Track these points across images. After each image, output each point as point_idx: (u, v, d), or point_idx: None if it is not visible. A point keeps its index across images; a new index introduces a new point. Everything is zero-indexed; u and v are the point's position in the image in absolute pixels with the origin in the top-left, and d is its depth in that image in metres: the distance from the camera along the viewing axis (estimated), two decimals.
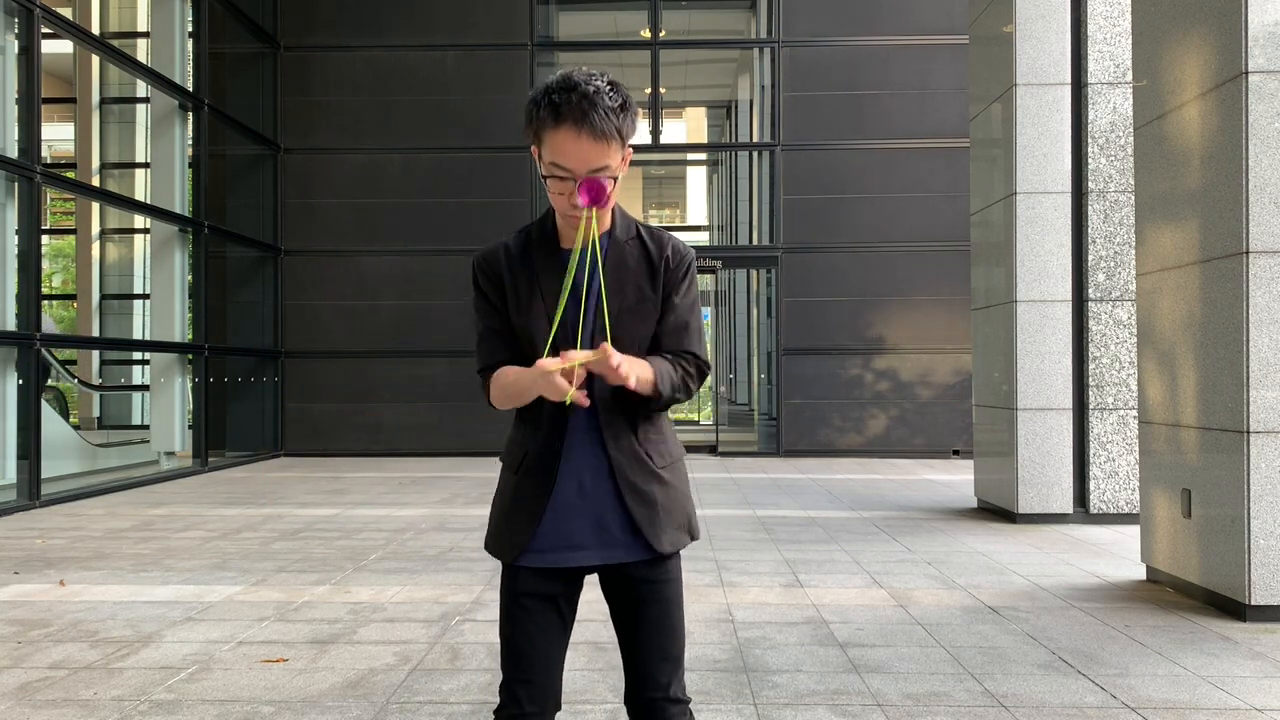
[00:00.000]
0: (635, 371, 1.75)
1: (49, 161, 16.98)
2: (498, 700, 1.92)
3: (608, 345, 1.71)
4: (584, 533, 1.88)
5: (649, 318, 1.89)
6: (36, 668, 3.76)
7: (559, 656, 1.92)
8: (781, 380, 13.54)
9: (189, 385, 11.63)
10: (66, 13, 11.55)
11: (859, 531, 7.01)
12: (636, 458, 1.89)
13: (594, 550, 1.88)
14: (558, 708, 1.92)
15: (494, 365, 1.91)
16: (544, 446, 1.87)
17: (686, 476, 2.00)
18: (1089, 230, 7.32)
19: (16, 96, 8.73)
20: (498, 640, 4.10)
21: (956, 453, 12.94)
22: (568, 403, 1.71)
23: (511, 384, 1.84)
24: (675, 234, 2.02)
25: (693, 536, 1.96)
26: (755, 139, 15.78)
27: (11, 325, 8.56)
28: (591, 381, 1.85)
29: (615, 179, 1.80)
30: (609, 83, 1.76)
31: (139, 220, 16.09)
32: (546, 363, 1.71)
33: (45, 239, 14.23)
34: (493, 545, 1.94)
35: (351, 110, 13.74)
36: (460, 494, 9.21)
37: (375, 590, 5.11)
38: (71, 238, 18.42)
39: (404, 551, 6.23)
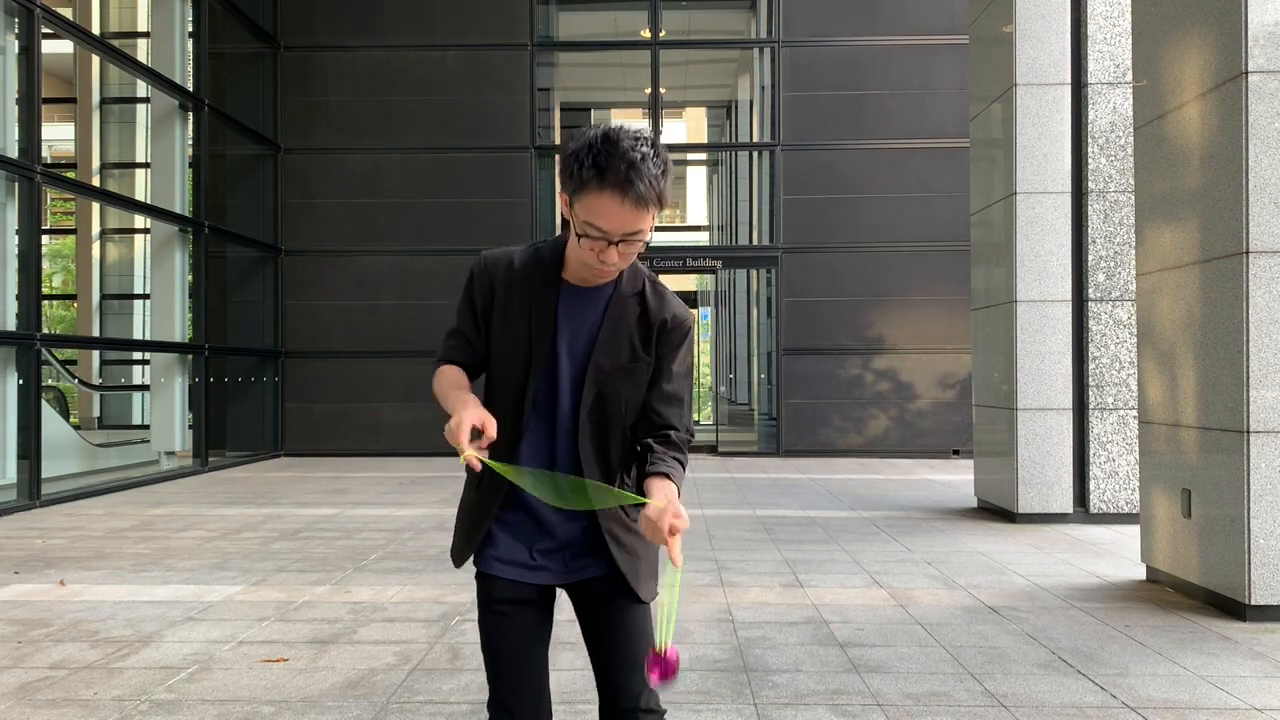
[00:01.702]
0: (679, 515, 1.73)
1: (49, 161, 16.97)
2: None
3: (657, 507, 1.71)
4: (554, 554, 1.89)
5: (640, 379, 1.87)
6: (36, 668, 3.76)
7: (542, 660, 1.91)
8: (781, 380, 13.54)
9: (189, 385, 11.63)
10: (66, 13, 11.54)
11: (859, 531, 7.01)
12: (615, 512, 1.89)
13: (559, 572, 1.89)
14: (549, 716, 1.91)
15: (448, 361, 1.93)
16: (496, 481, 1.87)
17: None
18: (1089, 230, 7.32)
19: (16, 96, 8.73)
20: None
21: (956, 453, 12.94)
22: (461, 462, 1.73)
23: (442, 395, 1.86)
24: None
25: (656, 582, 1.98)
26: (755, 139, 15.77)
27: (11, 325, 8.57)
28: (575, 430, 1.85)
29: (647, 243, 1.79)
30: (652, 146, 1.73)
31: (139, 220, 16.09)
32: (464, 442, 1.71)
33: (45, 239, 14.22)
34: (455, 548, 1.96)
35: (351, 110, 13.74)
36: (460, 494, 9.20)
37: (375, 590, 5.11)
38: (71, 238, 18.41)
39: (404, 551, 6.23)
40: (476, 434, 1.74)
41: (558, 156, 1.85)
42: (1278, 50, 4.46)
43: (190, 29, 12.09)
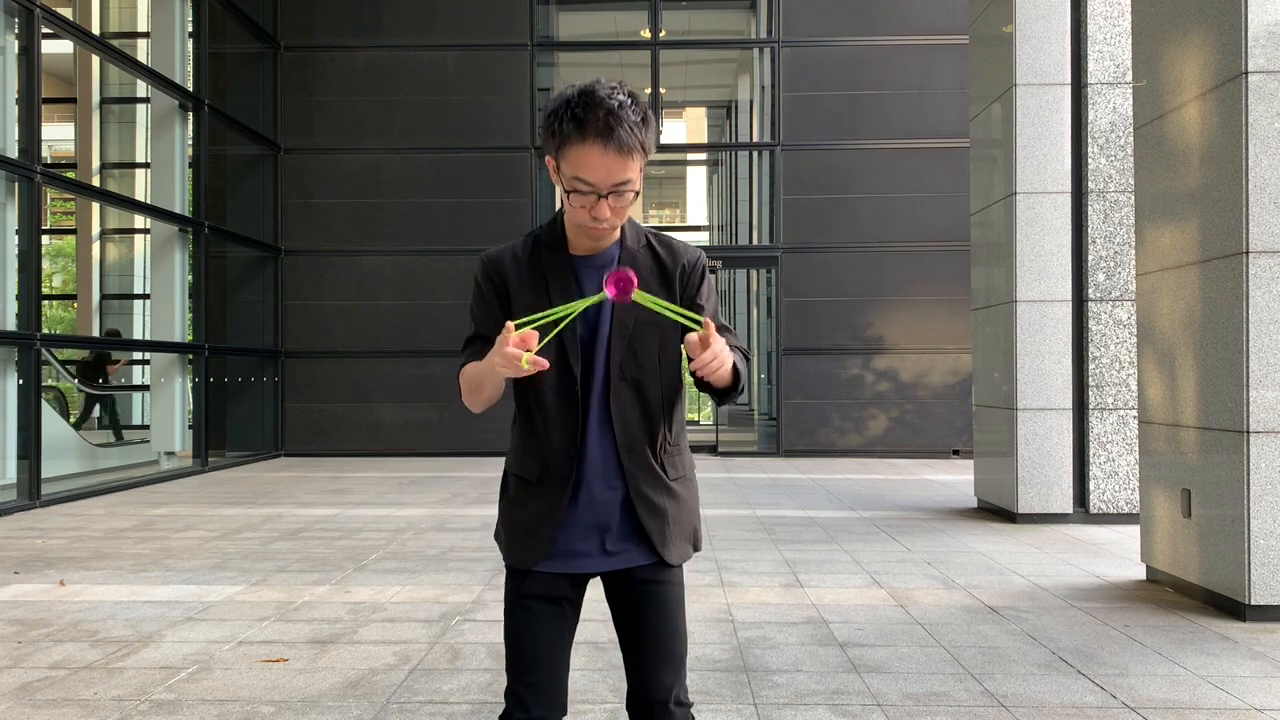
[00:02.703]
0: (719, 348, 1.71)
1: (49, 161, 16.97)
2: (501, 703, 1.91)
3: (708, 324, 1.69)
4: (591, 539, 1.87)
5: (667, 330, 1.87)
6: (36, 668, 3.76)
7: (565, 659, 1.90)
8: (781, 380, 13.54)
9: (189, 385, 11.63)
10: (66, 13, 11.54)
11: (859, 531, 7.01)
12: (650, 469, 1.88)
13: (599, 558, 1.88)
14: (564, 712, 1.90)
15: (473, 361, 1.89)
16: (560, 458, 1.85)
17: (697, 490, 2.00)
18: (1089, 230, 7.32)
19: (16, 96, 8.73)
20: (498, 640, 4.10)
21: (956, 453, 12.94)
22: (524, 365, 1.63)
23: (473, 375, 1.83)
24: (677, 235, 2.01)
25: (695, 548, 1.97)
26: (755, 139, 15.77)
27: (11, 325, 8.57)
28: (606, 390, 1.84)
29: (637, 193, 1.79)
30: (630, 95, 1.75)
31: (139, 220, 16.08)
32: (515, 352, 1.63)
33: (45, 239, 14.22)
34: (515, 553, 1.90)
35: (351, 110, 13.74)
36: (460, 494, 9.21)
37: (375, 590, 5.11)
38: (71, 238, 18.41)
39: (404, 551, 6.23)
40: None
41: (541, 120, 1.83)
42: (1278, 50, 4.46)
43: (190, 29, 12.08)
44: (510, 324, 1.66)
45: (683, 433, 1.97)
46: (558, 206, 1.94)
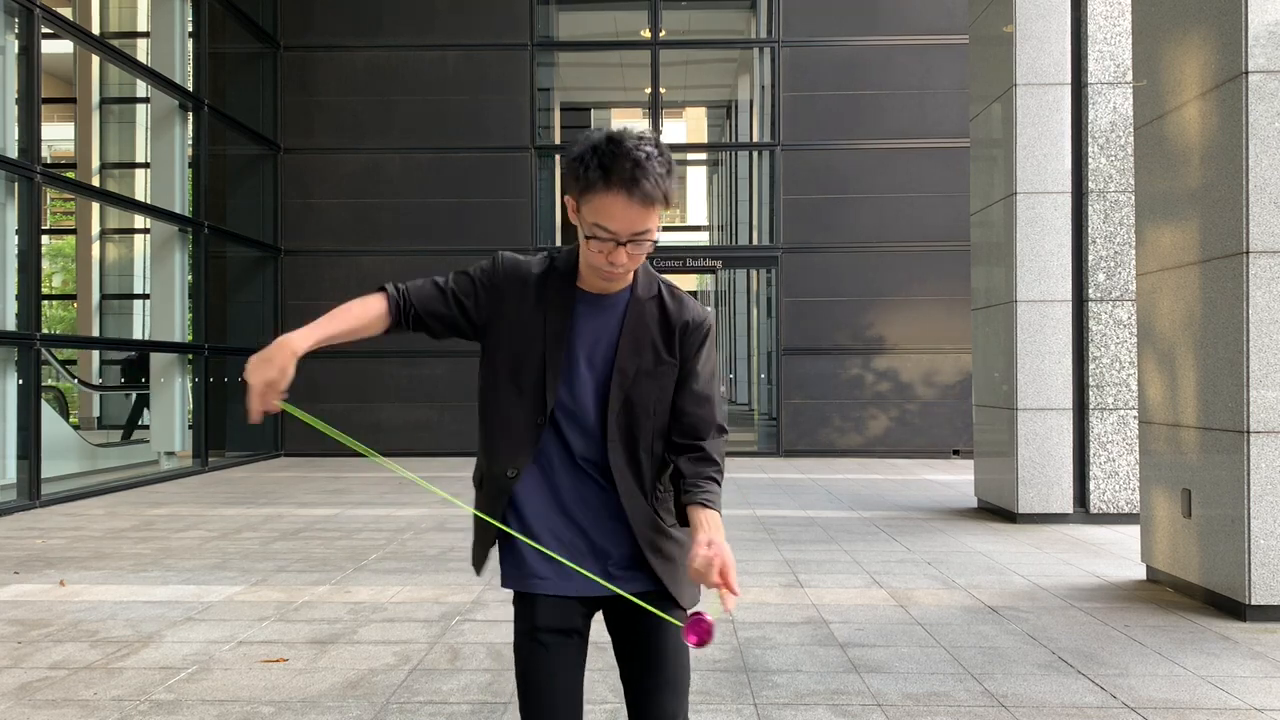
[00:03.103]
0: (729, 562, 1.76)
1: (49, 161, 16.97)
2: (501, 703, 1.90)
3: (704, 557, 1.73)
4: (593, 565, 1.86)
5: (665, 382, 1.87)
6: (36, 668, 3.76)
7: (580, 695, 1.87)
8: (781, 380, 13.54)
9: (189, 385, 11.63)
10: (66, 13, 11.55)
11: (859, 531, 7.01)
12: (650, 517, 1.88)
13: (608, 579, 1.86)
14: None
15: (399, 296, 1.88)
16: (500, 479, 1.87)
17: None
18: (1089, 230, 7.32)
19: (16, 96, 8.73)
20: (498, 640, 4.11)
21: (956, 453, 12.94)
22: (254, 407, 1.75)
23: (348, 312, 1.88)
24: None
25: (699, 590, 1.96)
26: (755, 139, 15.77)
27: (11, 325, 8.57)
28: (604, 438, 1.84)
29: (655, 241, 1.79)
30: (656, 145, 1.74)
31: (139, 220, 16.09)
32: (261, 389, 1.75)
33: (45, 239, 14.23)
34: (475, 554, 1.93)
35: (351, 110, 13.74)
36: (460, 494, 9.17)
37: (375, 590, 5.11)
38: (71, 238, 18.41)
39: (404, 551, 6.23)
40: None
41: (560, 160, 1.82)
42: (1278, 50, 4.46)
43: (190, 29, 12.08)
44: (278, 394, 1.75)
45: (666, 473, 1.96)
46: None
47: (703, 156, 24.97)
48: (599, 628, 1.95)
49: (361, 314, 1.87)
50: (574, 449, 1.86)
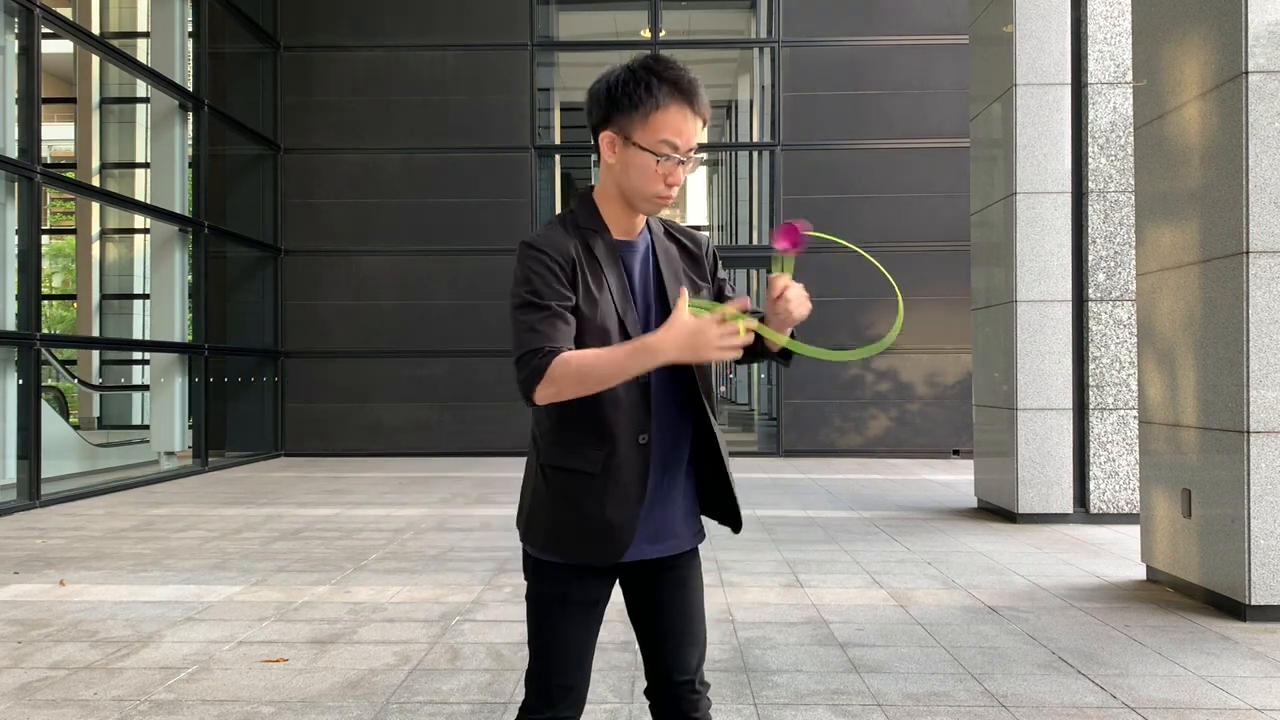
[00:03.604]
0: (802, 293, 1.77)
1: (49, 161, 16.97)
2: (502, 703, 1.90)
3: (785, 280, 1.72)
4: (671, 525, 1.86)
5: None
6: (36, 668, 3.76)
7: (591, 653, 1.90)
8: (781, 380, 13.54)
9: (189, 385, 11.64)
10: (66, 13, 11.55)
11: (859, 531, 7.01)
12: (724, 444, 1.92)
13: (652, 545, 1.84)
14: (583, 710, 1.91)
15: (561, 348, 1.69)
16: (631, 446, 1.78)
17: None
18: (1089, 230, 7.32)
19: (16, 96, 8.73)
20: (498, 640, 4.11)
21: (956, 453, 12.94)
22: (741, 333, 1.60)
23: (598, 366, 1.66)
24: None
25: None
26: (755, 139, 15.77)
27: (11, 325, 8.57)
28: (686, 377, 1.84)
29: (702, 159, 1.86)
30: None
31: (139, 220, 16.09)
32: (721, 322, 1.60)
33: (45, 239, 14.23)
34: (583, 550, 1.80)
35: (351, 110, 13.74)
36: (460, 494, 9.21)
37: (375, 590, 5.11)
38: (71, 238, 18.41)
39: (404, 551, 6.23)
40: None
41: (593, 95, 1.81)
42: (1278, 50, 4.46)
43: (190, 29, 12.09)
44: (722, 309, 1.63)
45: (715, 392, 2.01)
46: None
47: (703, 156, 24.96)
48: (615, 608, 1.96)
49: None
50: (670, 398, 1.84)
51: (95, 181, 15.77)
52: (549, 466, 1.83)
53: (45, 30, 8.88)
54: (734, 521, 1.92)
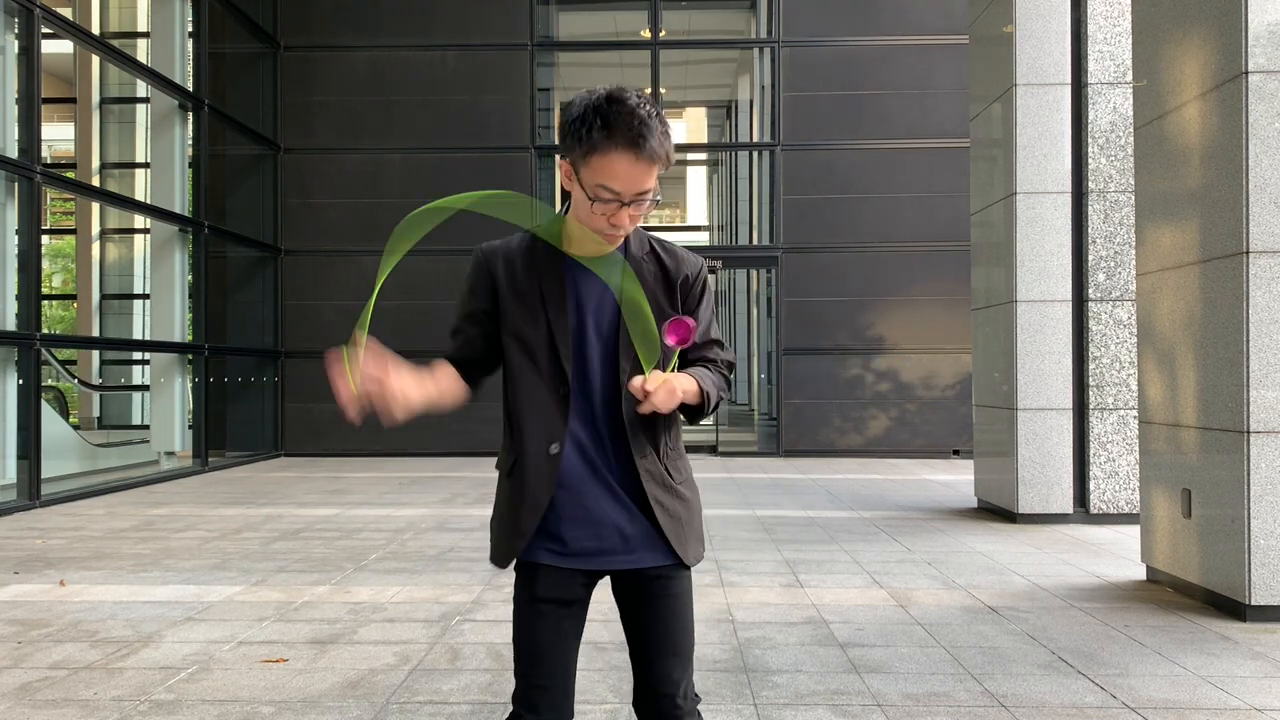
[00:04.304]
0: (681, 385, 1.77)
1: (49, 161, 16.97)
2: (503, 704, 1.91)
3: (637, 382, 1.72)
4: (609, 539, 1.86)
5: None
6: (36, 668, 3.76)
7: (574, 662, 1.90)
8: (781, 380, 13.54)
9: (189, 385, 11.63)
10: (66, 13, 11.55)
11: (859, 531, 7.01)
12: (659, 475, 1.88)
13: (619, 556, 1.86)
14: (571, 715, 1.90)
15: (449, 359, 1.92)
16: (541, 458, 1.84)
17: (698, 492, 2.01)
18: (1089, 230, 7.32)
19: (16, 96, 8.73)
20: (498, 640, 4.11)
21: (956, 453, 12.94)
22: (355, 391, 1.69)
23: (442, 378, 1.87)
24: (676, 236, 2.01)
25: (703, 548, 1.99)
26: (755, 139, 15.77)
27: (11, 325, 8.57)
28: (611, 394, 1.84)
29: (656, 201, 1.80)
30: (654, 105, 1.76)
31: (139, 220, 16.10)
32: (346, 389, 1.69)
33: (45, 239, 14.23)
34: (495, 550, 1.91)
35: (351, 110, 13.74)
36: (460, 494, 9.21)
37: (375, 590, 5.11)
38: (71, 238, 18.42)
39: (404, 551, 6.23)
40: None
41: (557, 123, 1.82)
42: (1278, 50, 4.46)
43: (190, 29, 12.09)
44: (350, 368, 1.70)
45: (680, 437, 1.97)
46: (558, 208, 1.93)
47: (703, 156, 24.97)
48: (602, 609, 1.95)
49: (451, 386, 1.89)
50: (596, 415, 1.86)
51: (95, 181, 15.78)
52: (498, 470, 1.96)
53: (45, 30, 8.88)
54: (671, 552, 1.88)
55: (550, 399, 1.84)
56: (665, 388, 1.73)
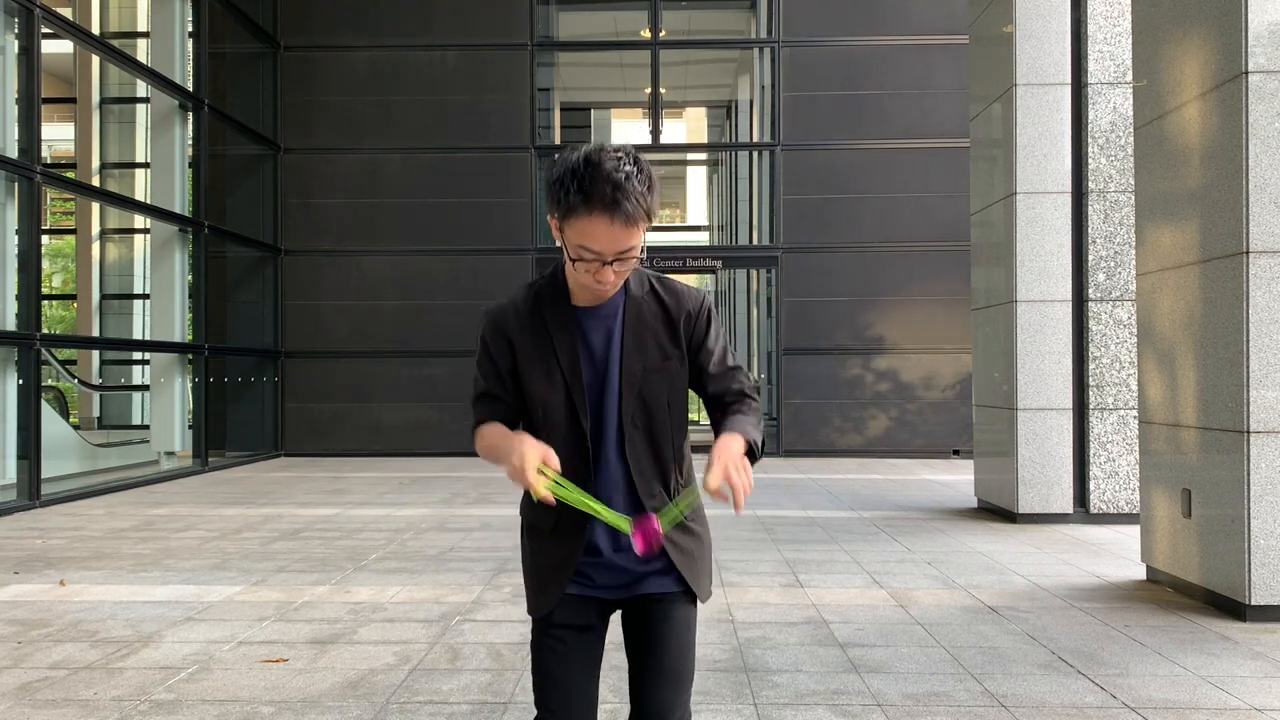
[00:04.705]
0: (734, 463, 1.74)
1: (49, 161, 16.97)
2: (503, 704, 1.91)
3: (709, 480, 1.71)
4: (621, 577, 1.88)
5: (676, 376, 1.89)
6: (36, 668, 3.76)
7: (595, 689, 1.90)
8: (781, 380, 13.54)
9: (189, 385, 11.63)
10: (66, 13, 11.54)
11: (859, 531, 7.01)
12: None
13: (632, 587, 1.89)
14: None
15: (486, 417, 1.91)
16: (572, 510, 1.83)
17: (709, 528, 2.01)
18: (1089, 230, 7.32)
19: (16, 96, 8.73)
20: (498, 640, 4.11)
21: (956, 453, 12.94)
22: (535, 499, 1.71)
23: (491, 448, 1.85)
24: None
25: (711, 583, 2.00)
26: (755, 139, 15.77)
27: (11, 325, 8.57)
28: (620, 440, 1.85)
29: (640, 257, 1.80)
30: (635, 163, 1.73)
31: (139, 220, 16.09)
32: (534, 479, 1.68)
33: (45, 239, 14.23)
34: (534, 602, 1.92)
35: (351, 110, 13.74)
36: (460, 494, 9.21)
37: (375, 590, 5.11)
38: (71, 238, 18.40)
39: (404, 551, 6.23)
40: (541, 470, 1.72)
41: (544, 183, 1.82)
42: (1278, 50, 4.46)
43: (190, 29, 12.09)
44: (538, 465, 1.68)
45: (692, 471, 1.97)
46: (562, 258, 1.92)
47: (703, 156, 24.95)
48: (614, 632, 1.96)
49: (507, 430, 1.89)
50: (609, 462, 1.87)
51: (95, 181, 15.77)
52: (525, 522, 1.96)
53: (45, 30, 8.89)
54: (682, 580, 1.90)
55: (580, 454, 1.85)
56: (725, 474, 1.71)
